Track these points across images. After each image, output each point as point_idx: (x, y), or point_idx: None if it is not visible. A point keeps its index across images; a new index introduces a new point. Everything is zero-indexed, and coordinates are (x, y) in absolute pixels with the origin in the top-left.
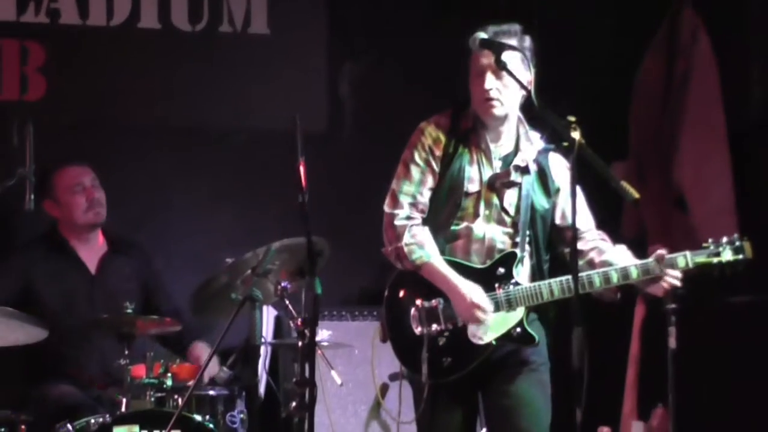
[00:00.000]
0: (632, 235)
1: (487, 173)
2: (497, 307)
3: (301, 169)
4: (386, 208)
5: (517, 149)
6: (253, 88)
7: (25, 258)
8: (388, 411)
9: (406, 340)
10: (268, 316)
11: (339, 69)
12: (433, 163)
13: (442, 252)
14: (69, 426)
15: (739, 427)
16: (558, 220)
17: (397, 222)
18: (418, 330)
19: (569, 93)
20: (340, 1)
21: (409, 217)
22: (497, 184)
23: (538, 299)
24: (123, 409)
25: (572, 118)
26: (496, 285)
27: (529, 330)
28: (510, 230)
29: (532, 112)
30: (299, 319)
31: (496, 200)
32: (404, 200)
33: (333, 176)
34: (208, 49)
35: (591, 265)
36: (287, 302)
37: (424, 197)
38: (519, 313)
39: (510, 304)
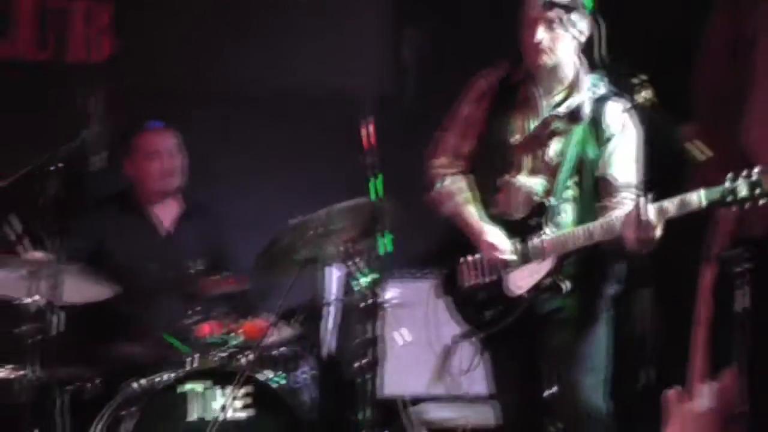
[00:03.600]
0: None
1: (533, 125)
2: (527, 258)
3: (366, 130)
4: (428, 158)
5: (567, 99)
6: (319, 51)
7: (98, 217)
8: (452, 368)
9: (457, 294)
10: (334, 275)
11: (402, 31)
12: (478, 116)
13: (490, 204)
14: (137, 383)
15: None
16: (600, 171)
17: (433, 171)
18: (464, 284)
19: (642, 51)
20: None
21: (445, 167)
22: (541, 135)
23: (564, 247)
24: (188, 367)
25: (644, 77)
26: (528, 236)
27: (558, 280)
28: (551, 181)
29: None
30: (362, 279)
31: (539, 151)
32: (443, 150)
33: (397, 137)
34: (276, 12)
35: None
36: (352, 262)
37: (465, 148)
38: (548, 263)
39: (538, 254)
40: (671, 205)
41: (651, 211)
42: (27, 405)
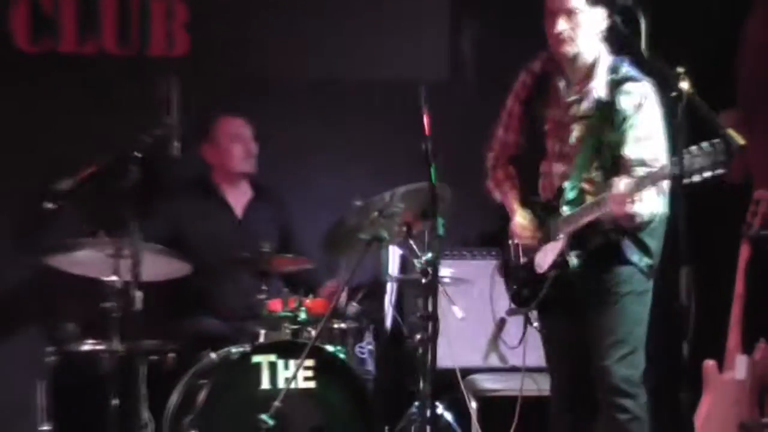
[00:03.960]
0: (739, 180)
1: (559, 113)
2: (547, 239)
3: (425, 117)
4: (485, 150)
5: (586, 84)
6: (381, 41)
7: (176, 200)
8: (505, 342)
9: (506, 274)
10: (394, 254)
11: (461, 20)
12: (517, 108)
13: (535, 191)
14: (212, 355)
15: None
16: (617, 151)
17: (487, 163)
18: (509, 264)
19: (684, 45)
20: None
21: (496, 158)
22: (564, 121)
23: (570, 225)
24: (261, 339)
25: (681, 69)
26: (549, 218)
27: (567, 256)
28: (570, 164)
29: (630, 53)
30: (423, 258)
31: (565, 137)
32: (495, 143)
33: (455, 124)
34: (340, 6)
35: None
36: (411, 242)
37: (511, 139)
38: (561, 241)
39: (554, 234)
40: (641, 178)
41: (621, 185)
42: (110, 375)
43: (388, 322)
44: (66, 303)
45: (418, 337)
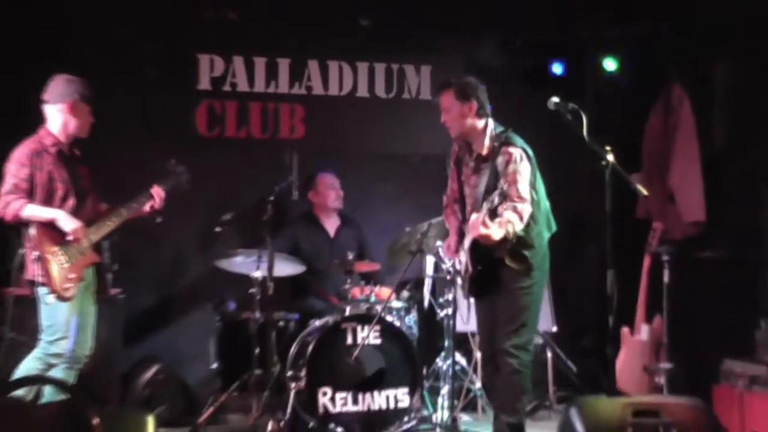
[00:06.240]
0: (643, 216)
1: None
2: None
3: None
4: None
5: (477, 149)
6: (421, 128)
7: (294, 227)
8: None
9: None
10: (430, 261)
11: None
12: (454, 165)
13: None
14: (316, 322)
15: (706, 330)
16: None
17: (443, 203)
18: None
19: (610, 132)
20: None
21: (447, 199)
22: (471, 174)
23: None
24: (346, 313)
25: (608, 147)
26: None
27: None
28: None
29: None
30: (446, 263)
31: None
32: (448, 189)
33: None
34: (396, 107)
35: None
36: (440, 252)
37: (454, 186)
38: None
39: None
40: (484, 208)
41: (474, 215)
42: (254, 335)
43: (426, 303)
44: (227, 289)
45: (444, 312)
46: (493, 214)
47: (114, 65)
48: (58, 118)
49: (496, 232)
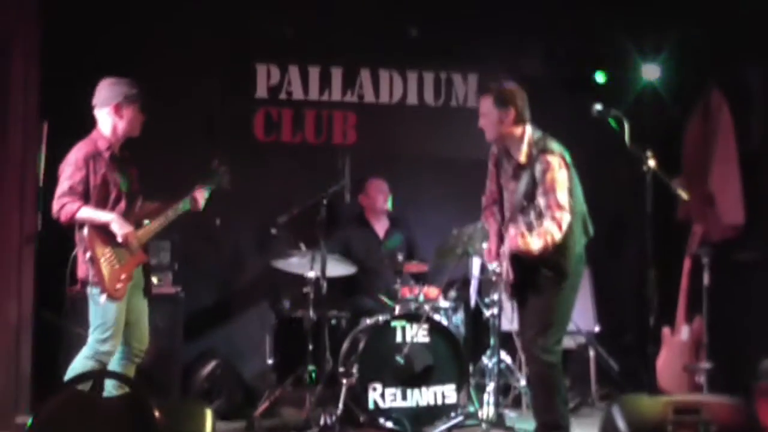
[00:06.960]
0: (684, 219)
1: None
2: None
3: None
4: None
5: (516, 155)
6: (468, 133)
7: (346, 228)
8: None
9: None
10: (476, 262)
11: None
12: (494, 168)
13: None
14: (367, 320)
15: (745, 331)
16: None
17: (483, 204)
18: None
19: (650, 138)
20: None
21: (486, 201)
22: (510, 180)
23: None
24: (396, 312)
25: (649, 153)
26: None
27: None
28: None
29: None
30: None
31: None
32: (486, 191)
33: None
34: (444, 114)
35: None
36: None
37: (493, 188)
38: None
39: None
40: (521, 222)
41: (512, 229)
42: (308, 331)
43: (473, 303)
44: (283, 288)
45: (490, 312)
46: (530, 224)
47: (177, 75)
48: (107, 121)
49: (534, 242)
